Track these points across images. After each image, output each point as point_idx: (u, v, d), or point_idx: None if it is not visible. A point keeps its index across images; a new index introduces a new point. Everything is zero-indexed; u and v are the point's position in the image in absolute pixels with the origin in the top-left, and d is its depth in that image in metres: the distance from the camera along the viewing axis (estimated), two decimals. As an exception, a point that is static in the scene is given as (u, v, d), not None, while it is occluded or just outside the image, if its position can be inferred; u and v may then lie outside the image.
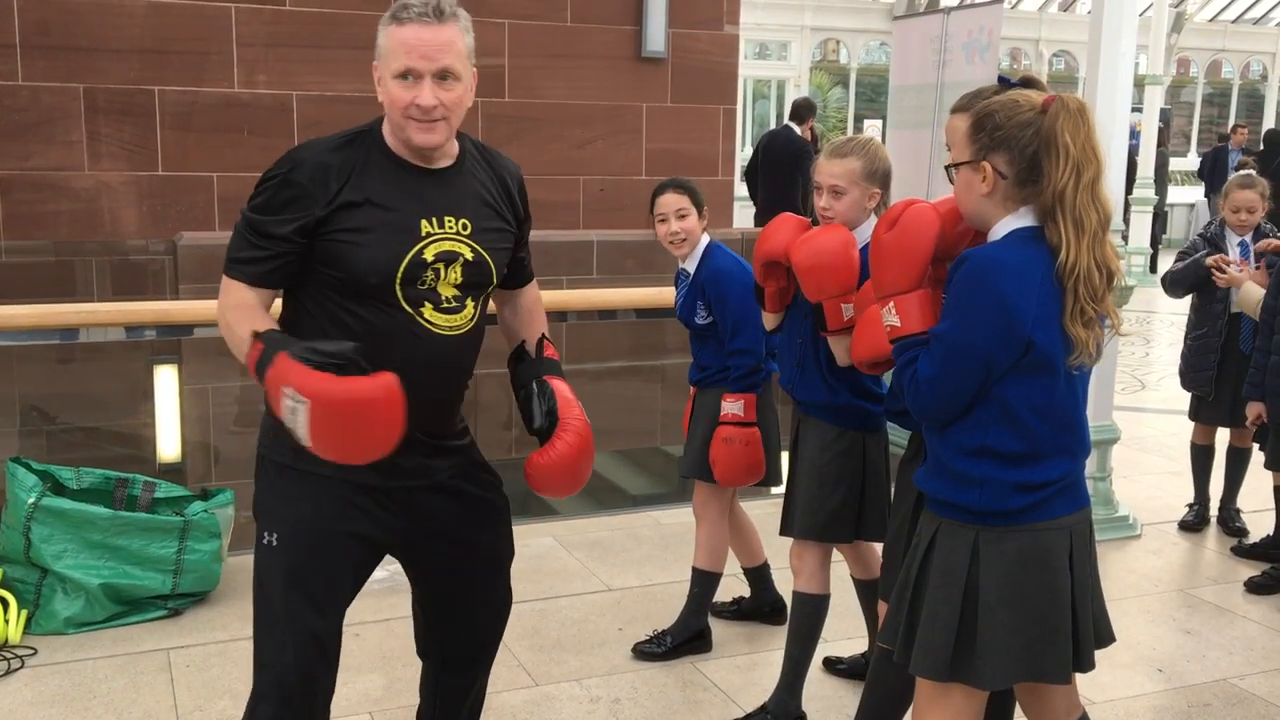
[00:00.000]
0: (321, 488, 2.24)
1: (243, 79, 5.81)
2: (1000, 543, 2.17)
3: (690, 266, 3.61)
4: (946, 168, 2.26)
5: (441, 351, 2.29)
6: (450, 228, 2.28)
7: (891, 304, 2.22)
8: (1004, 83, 2.49)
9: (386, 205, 2.23)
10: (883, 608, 2.80)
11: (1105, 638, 2.32)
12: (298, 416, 2.01)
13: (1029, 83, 2.45)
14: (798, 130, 9.58)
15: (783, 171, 8.97)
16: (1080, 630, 2.22)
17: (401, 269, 2.22)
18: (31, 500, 3.69)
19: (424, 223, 2.25)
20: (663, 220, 3.57)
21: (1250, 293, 4.51)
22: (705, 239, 3.61)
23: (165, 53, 5.67)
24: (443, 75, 2.18)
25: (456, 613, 2.51)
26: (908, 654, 2.27)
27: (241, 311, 2.20)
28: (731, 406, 3.47)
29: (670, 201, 3.56)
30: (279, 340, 2.11)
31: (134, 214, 5.73)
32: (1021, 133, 2.13)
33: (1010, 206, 2.16)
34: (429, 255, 2.25)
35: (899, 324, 2.21)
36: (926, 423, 2.25)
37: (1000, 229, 2.17)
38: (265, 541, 2.26)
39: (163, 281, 5.81)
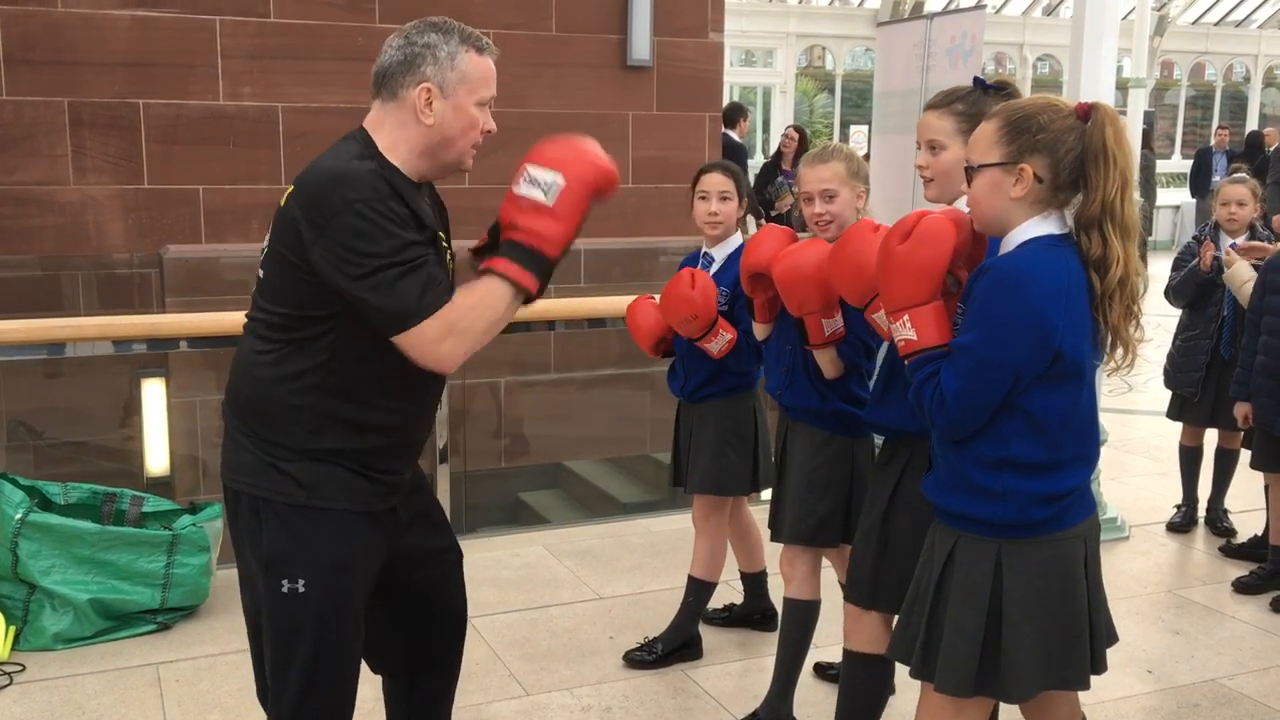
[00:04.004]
0: (337, 523, 2.19)
1: (228, 91, 5.80)
2: (1023, 555, 2.13)
3: (716, 254, 3.59)
4: (968, 168, 2.15)
5: None
6: (445, 242, 2.32)
7: (906, 317, 2.13)
8: (979, 83, 2.51)
9: (432, 226, 2.20)
10: (850, 611, 2.77)
11: (1110, 637, 2.31)
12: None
13: (1004, 86, 2.47)
14: (734, 135, 10.12)
15: None
16: (1094, 633, 2.21)
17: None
18: (18, 516, 3.68)
19: (446, 242, 2.29)
20: (703, 198, 3.56)
21: (1240, 272, 4.51)
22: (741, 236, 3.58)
23: (150, 66, 5.66)
24: None
25: (435, 613, 2.50)
26: (927, 669, 2.22)
27: (464, 293, 2.09)
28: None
29: (716, 182, 3.54)
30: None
31: (120, 227, 5.71)
32: (1065, 138, 2.09)
33: (1034, 211, 2.11)
34: (451, 271, 2.29)
35: (915, 338, 2.13)
36: (947, 436, 2.16)
37: (1020, 234, 2.12)
38: (288, 590, 2.16)
39: (149, 295, 5.80)
